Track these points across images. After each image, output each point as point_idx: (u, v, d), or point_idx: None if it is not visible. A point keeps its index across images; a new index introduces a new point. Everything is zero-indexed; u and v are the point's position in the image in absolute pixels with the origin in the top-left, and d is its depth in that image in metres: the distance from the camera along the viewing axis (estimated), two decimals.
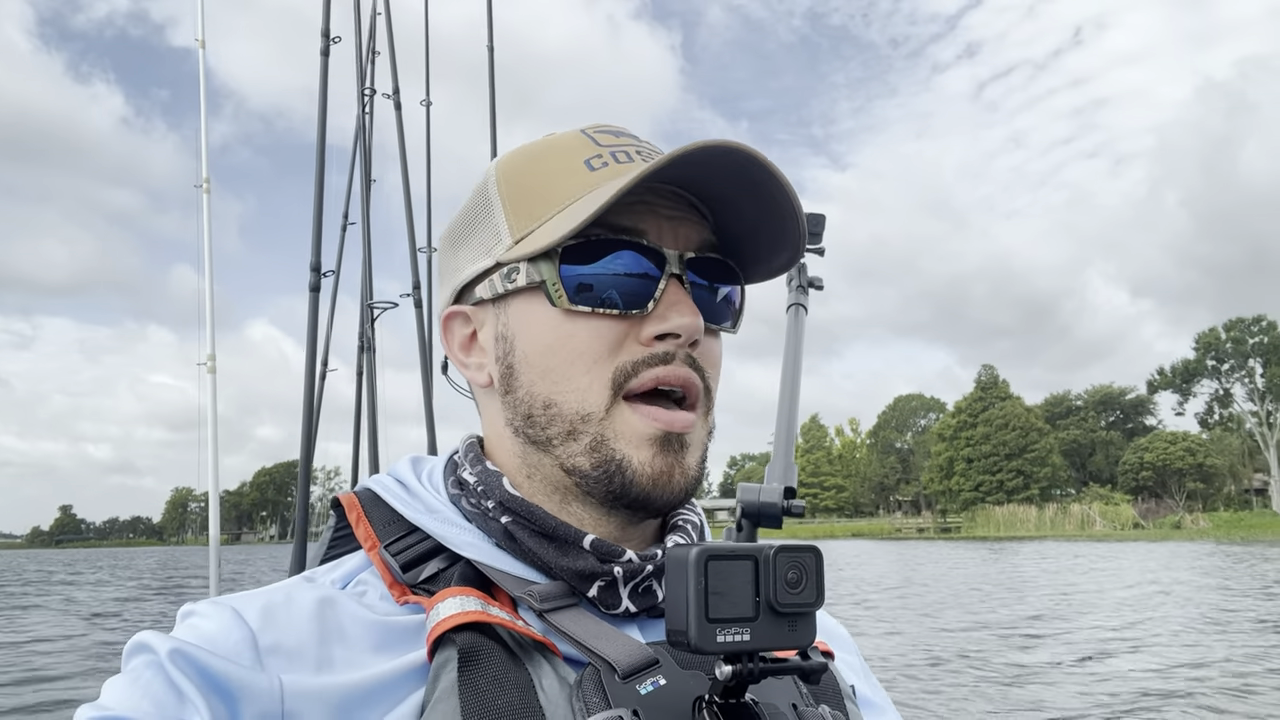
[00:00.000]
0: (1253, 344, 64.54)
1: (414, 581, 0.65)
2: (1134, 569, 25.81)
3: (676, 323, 0.65)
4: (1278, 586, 18.65)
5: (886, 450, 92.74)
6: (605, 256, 0.66)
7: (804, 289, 0.79)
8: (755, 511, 0.57)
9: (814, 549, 0.53)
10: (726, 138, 0.62)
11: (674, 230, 0.68)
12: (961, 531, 65.96)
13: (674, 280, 0.67)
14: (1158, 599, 16.90)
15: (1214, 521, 53.83)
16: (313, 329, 4.26)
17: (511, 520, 0.67)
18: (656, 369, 0.66)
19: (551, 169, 0.70)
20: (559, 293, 0.66)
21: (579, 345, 0.66)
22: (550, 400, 0.67)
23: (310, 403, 4.26)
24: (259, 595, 0.63)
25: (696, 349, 0.68)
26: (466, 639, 0.59)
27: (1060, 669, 9.60)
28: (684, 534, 0.72)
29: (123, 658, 0.59)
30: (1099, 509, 60.38)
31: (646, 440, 0.65)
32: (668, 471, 0.66)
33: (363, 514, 0.70)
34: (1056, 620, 13.98)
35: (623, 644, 0.60)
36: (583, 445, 0.66)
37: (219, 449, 6.02)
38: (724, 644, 0.49)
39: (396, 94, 5.04)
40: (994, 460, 70.03)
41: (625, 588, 0.66)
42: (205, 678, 0.55)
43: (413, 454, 0.78)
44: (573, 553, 0.65)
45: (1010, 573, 25.36)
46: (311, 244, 4.23)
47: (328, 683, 0.57)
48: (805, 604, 0.51)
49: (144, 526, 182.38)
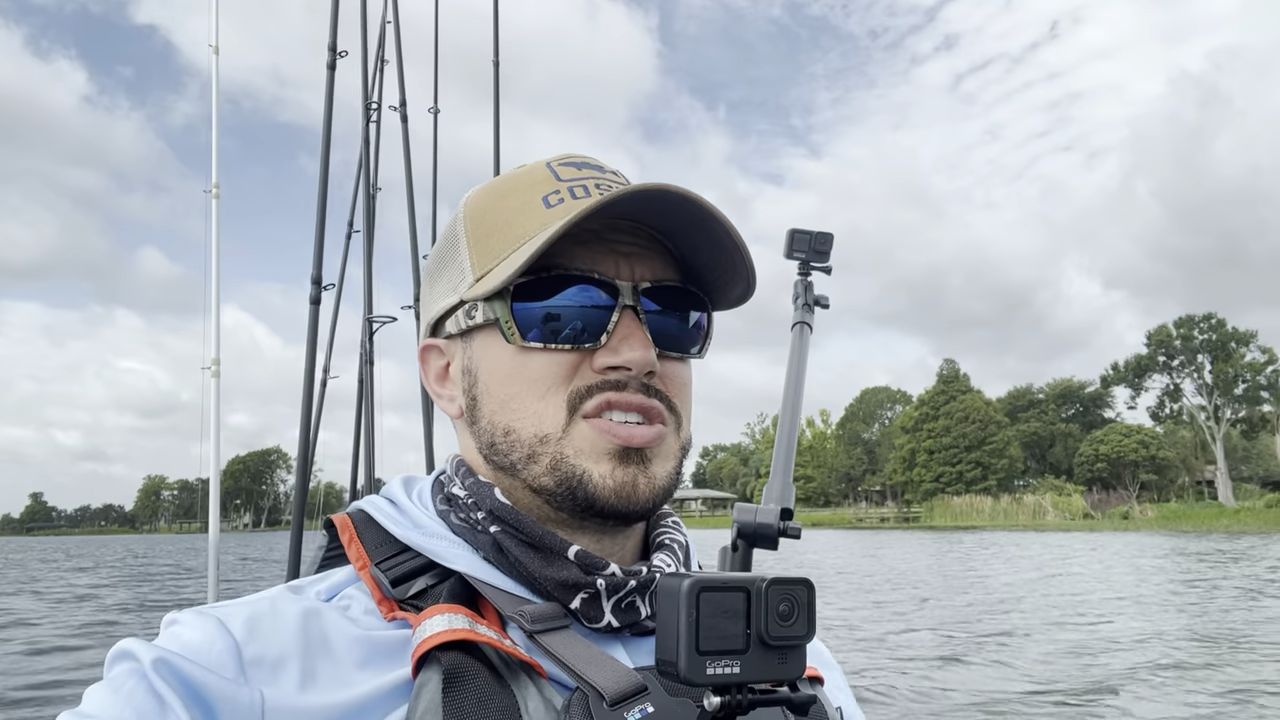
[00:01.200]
0: (1201, 340, 66.73)
1: (402, 597, 0.65)
2: (1053, 555, 27.32)
3: (627, 356, 0.66)
4: (1185, 572, 20.10)
5: (854, 441, 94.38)
6: (559, 293, 0.68)
7: (809, 307, 0.79)
8: (752, 532, 0.58)
9: (806, 581, 0.52)
10: (667, 181, 0.65)
11: (630, 263, 0.70)
12: (921, 521, 67.74)
13: (628, 312, 0.68)
14: (1056, 581, 18.28)
15: (1160, 512, 55.79)
16: (312, 341, 4.22)
17: (500, 530, 0.67)
18: (608, 393, 0.67)
19: (511, 206, 0.71)
20: (512, 330, 0.68)
21: (533, 375, 0.68)
22: (509, 427, 0.68)
23: (308, 411, 4.22)
24: (244, 605, 0.62)
25: (653, 378, 0.69)
26: (451, 658, 0.59)
27: (942, 651, 10.75)
28: (670, 553, 0.72)
29: (105, 665, 0.58)
30: (1051, 500, 62.34)
31: (605, 454, 0.66)
32: (630, 483, 0.66)
33: (355, 535, 0.71)
34: (927, 604, 15.20)
35: (611, 670, 0.60)
36: (544, 466, 0.67)
37: (186, 437, 6.14)
38: (714, 676, 0.49)
39: (404, 106, 4.97)
40: (954, 452, 71.87)
41: (608, 602, 0.66)
42: (187, 688, 0.54)
43: (406, 474, 0.79)
44: (557, 563, 0.66)
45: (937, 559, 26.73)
46: (314, 256, 4.20)
47: (310, 699, 0.57)
48: (796, 636, 0.51)
49: (116, 515, 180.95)
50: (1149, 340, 70.09)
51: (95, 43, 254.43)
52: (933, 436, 73.48)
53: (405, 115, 4.96)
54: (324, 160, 4.35)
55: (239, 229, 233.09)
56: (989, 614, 13.31)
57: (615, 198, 0.63)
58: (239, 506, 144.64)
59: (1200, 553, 27.25)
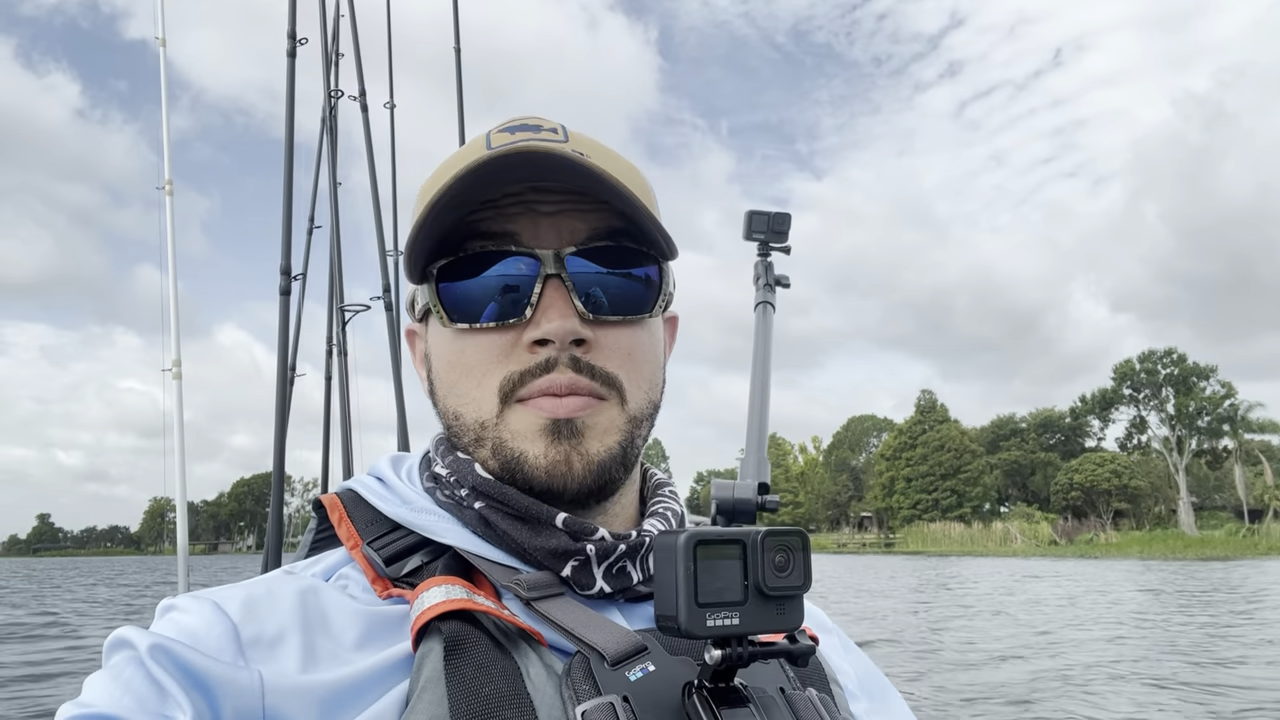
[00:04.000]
0: (1164, 375, 69.54)
1: (397, 575, 0.65)
2: (992, 580, 29.85)
3: (546, 328, 0.65)
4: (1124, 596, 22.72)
5: (840, 468, 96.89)
6: (481, 270, 0.66)
7: (771, 287, 0.79)
8: (730, 508, 0.58)
9: (800, 532, 0.52)
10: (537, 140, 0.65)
11: (555, 225, 0.67)
12: (897, 546, 70.21)
13: (551, 280, 0.66)
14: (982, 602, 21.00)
15: (1124, 539, 58.27)
16: (284, 333, 4.18)
17: (485, 505, 0.67)
18: (540, 379, 0.66)
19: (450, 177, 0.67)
20: (440, 314, 0.68)
21: (470, 360, 0.68)
22: (457, 412, 0.70)
23: (283, 408, 4.19)
24: (241, 588, 0.62)
25: (585, 348, 0.67)
26: (452, 627, 0.59)
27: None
28: (662, 520, 0.72)
29: (103, 653, 0.58)
30: (1019, 527, 64.84)
31: (537, 432, 0.66)
32: (563, 460, 0.66)
33: (345, 514, 0.70)
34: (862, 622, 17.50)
35: (610, 631, 0.60)
36: (488, 450, 0.68)
37: (189, 457, 5.89)
38: (714, 628, 0.49)
39: (363, 96, 4.91)
40: (930, 480, 74.40)
41: (599, 568, 0.66)
42: (186, 673, 0.54)
43: (393, 453, 0.78)
44: (545, 532, 0.66)
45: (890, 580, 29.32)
46: (281, 247, 4.13)
47: (311, 677, 0.57)
48: (793, 587, 0.51)
49: (121, 536, 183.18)
50: (1114, 374, 73.01)
51: (87, 56, 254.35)
52: (910, 465, 76.04)
53: (365, 105, 4.90)
54: (288, 146, 4.28)
55: (238, 247, 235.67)
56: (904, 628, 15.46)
57: (464, 172, 0.62)
58: (242, 529, 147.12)
59: (1139, 577, 29.70)
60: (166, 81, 6.43)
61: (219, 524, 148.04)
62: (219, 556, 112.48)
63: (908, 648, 12.49)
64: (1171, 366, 69.32)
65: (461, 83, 5.25)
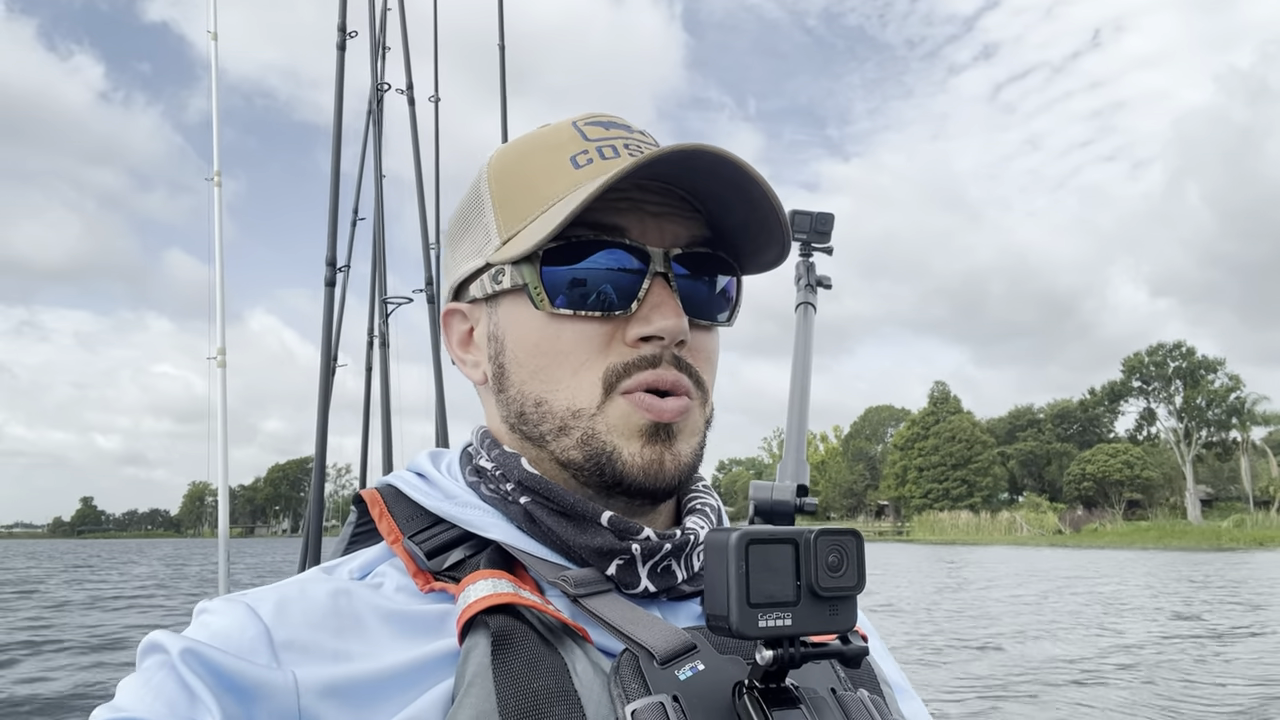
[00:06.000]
0: (1174, 368, 70.54)
1: (439, 569, 0.65)
2: (990, 565, 31.49)
3: (659, 325, 0.65)
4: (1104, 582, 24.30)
5: (858, 458, 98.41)
6: (588, 257, 0.66)
7: (812, 288, 0.79)
8: (768, 509, 0.57)
9: (855, 533, 0.52)
10: (704, 141, 0.63)
11: (660, 226, 0.68)
12: (909, 535, 71.92)
13: (659, 279, 0.67)
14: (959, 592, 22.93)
15: (1127, 529, 59.63)
16: (328, 324, 4.18)
17: (531, 500, 0.67)
18: (645, 373, 0.66)
19: (538, 167, 0.70)
20: (541, 296, 0.67)
21: (565, 347, 0.67)
22: (541, 398, 0.68)
23: (325, 400, 4.17)
24: (274, 590, 0.62)
25: (684, 347, 0.68)
26: (499, 621, 0.58)
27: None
28: (703, 517, 0.72)
29: (136, 658, 0.58)
30: (1025, 516, 66.34)
31: (636, 431, 0.66)
32: (658, 460, 0.66)
33: (385, 509, 0.70)
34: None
35: (659, 629, 0.60)
36: (574, 439, 0.67)
37: (227, 441, 5.86)
38: (766, 629, 0.49)
39: (410, 89, 4.91)
40: (941, 470, 75.82)
41: (644, 567, 0.66)
42: (218, 677, 0.54)
43: (431, 448, 0.78)
44: (591, 529, 0.66)
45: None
46: (327, 239, 4.14)
47: (345, 677, 0.56)
48: (847, 588, 0.51)
49: (162, 519, 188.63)
50: (1124, 366, 74.08)
51: (108, 37, 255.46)
52: (923, 455, 77.55)
53: (412, 98, 4.93)
54: (335, 140, 4.30)
55: (266, 233, 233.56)
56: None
57: (650, 158, 0.62)
58: (278, 513, 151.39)
59: (1137, 566, 31.13)
60: (190, 65, 7.33)
61: (255, 508, 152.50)
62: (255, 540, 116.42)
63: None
64: (1180, 360, 70.28)
65: (505, 80, 5.31)
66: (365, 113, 4.84)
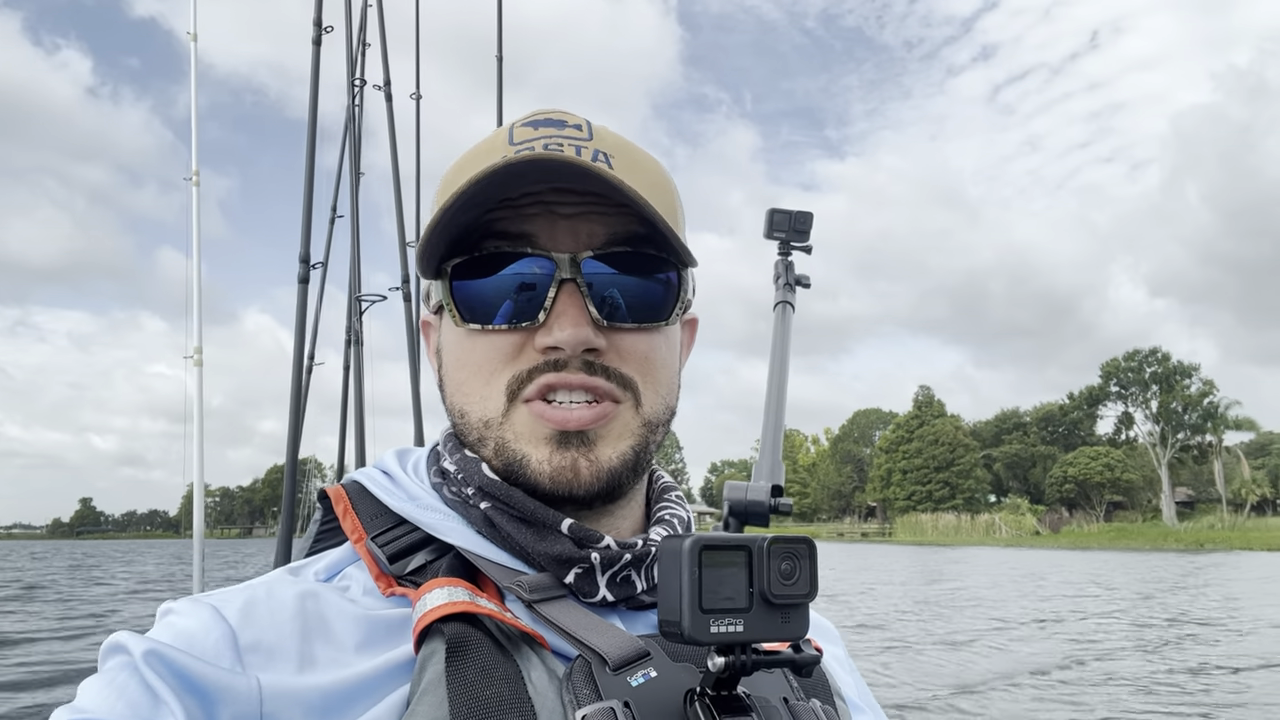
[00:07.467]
0: (1150, 373, 72.01)
1: (401, 573, 0.65)
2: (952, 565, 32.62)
3: (559, 336, 0.64)
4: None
5: (845, 460, 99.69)
6: (497, 270, 0.66)
7: (791, 286, 0.78)
8: (743, 510, 0.58)
9: (807, 540, 0.52)
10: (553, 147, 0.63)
11: (573, 229, 0.66)
12: (891, 536, 73.31)
13: (566, 285, 0.65)
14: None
15: (1100, 531, 61.07)
16: (301, 321, 4.16)
17: (490, 506, 0.67)
18: (548, 375, 0.65)
19: (462, 179, 0.65)
20: (454, 313, 0.67)
21: (478, 359, 0.67)
22: (464, 410, 0.69)
23: (298, 396, 4.15)
24: (240, 591, 0.62)
25: (598, 354, 0.66)
26: (454, 630, 0.58)
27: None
28: (668, 527, 0.71)
29: (99, 658, 0.58)
30: (1004, 518, 67.75)
31: (542, 439, 0.65)
32: (568, 467, 0.65)
33: (350, 506, 0.70)
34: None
35: (613, 636, 0.59)
36: (491, 449, 0.67)
37: (220, 442, 6.71)
38: (718, 635, 0.49)
39: (388, 85, 4.84)
40: (924, 472, 77.27)
41: (603, 576, 0.65)
42: (181, 679, 0.54)
43: (399, 446, 0.77)
44: (550, 537, 0.65)
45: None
46: (301, 235, 4.12)
47: (309, 682, 0.56)
48: (799, 595, 0.51)
49: (160, 520, 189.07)
50: (1102, 371, 75.61)
51: (95, 32, 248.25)
52: (907, 457, 78.99)
53: (390, 95, 4.84)
54: (310, 136, 4.24)
55: (259, 230, 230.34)
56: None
57: (473, 180, 0.61)
58: (276, 513, 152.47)
59: (1091, 566, 32.24)
60: (179, 60, 7.81)
61: (254, 509, 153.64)
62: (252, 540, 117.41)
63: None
64: (1156, 365, 71.86)
65: (502, 89, 5.21)
66: (345, 109, 4.79)
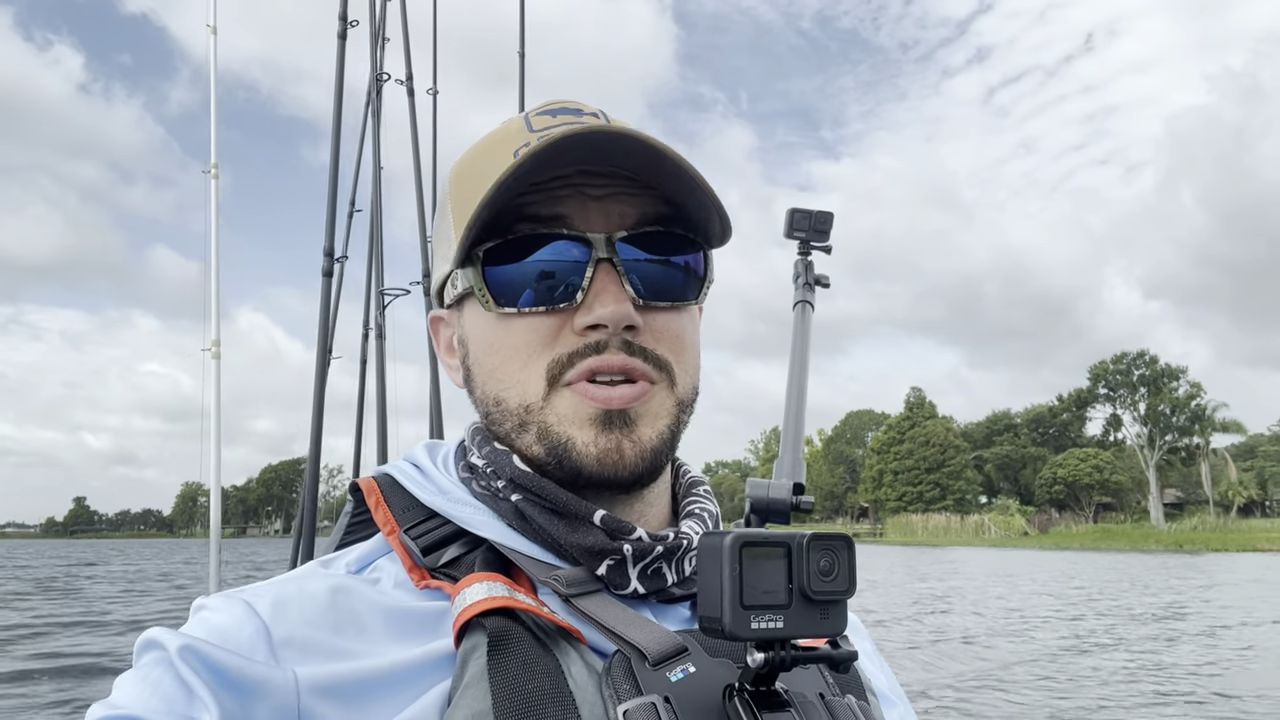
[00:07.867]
0: (1138, 376, 72.80)
1: (434, 565, 0.65)
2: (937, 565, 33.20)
3: (600, 313, 0.64)
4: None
5: (838, 461, 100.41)
6: (531, 252, 0.66)
7: (810, 286, 0.78)
8: (764, 507, 0.58)
9: (845, 537, 0.52)
10: (619, 122, 0.63)
11: (605, 210, 0.67)
12: (882, 537, 73.93)
13: (603, 264, 0.65)
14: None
15: (1086, 532, 61.78)
16: (325, 315, 4.17)
17: (522, 497, 0.67)
18: (589, 359, 0.65)
19: (485, 168, 0.68)
20: (486, 298, 0.67)
21: (515, 342, 0.67)
22: (499, 397, 0.69)
23: (320, 391, 4.13)
24: (272, 586, 0.62)
25: (636, 333, 0.66)
26: (495, 624, 0.58)
27: None
28: (699, 522, 0.72)
29: (134, 654, 0.58)
30: (993, 519, 68.44)
31: (587, 420, 0.65)
32: (614, 449, 0.65)
33: (382, 498, 0.70)
34: None
35: (650, 631, 0.60)
36: (533, 435, 0.67)
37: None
38: (758, 630, 0.49)
39: (410, 80, 4.84)
40: (915, 473, 77.94)
41: (634, 568, 0.65)
42: (215, 674, 0.54)
43: (429, 440, 0.78)
44: (582, 528, 0.65)
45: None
46: (325, 229, 4.12)
47: (345, 674, 0.56)
48: (838, 592, 0.51)
49: (155, 519, 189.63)
50: (1090, 374, 76.40)
51: (87, 28, 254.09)
52: (898, 459, 79.64)
53: (411, 89, 4.89)
54: (335, 130, 4.24)
55: (252, 229, 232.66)
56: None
57: (535, 151, 0.62)
58: (270, 513, 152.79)
59: (1068, 565, 32.89)
60: (170, 57, 7.56)
61: (247, 508, 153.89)
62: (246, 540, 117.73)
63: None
64: (1144, 367, 72.67)
65: (524, 85, 5.25)
66: (363, 104, 4.81)
